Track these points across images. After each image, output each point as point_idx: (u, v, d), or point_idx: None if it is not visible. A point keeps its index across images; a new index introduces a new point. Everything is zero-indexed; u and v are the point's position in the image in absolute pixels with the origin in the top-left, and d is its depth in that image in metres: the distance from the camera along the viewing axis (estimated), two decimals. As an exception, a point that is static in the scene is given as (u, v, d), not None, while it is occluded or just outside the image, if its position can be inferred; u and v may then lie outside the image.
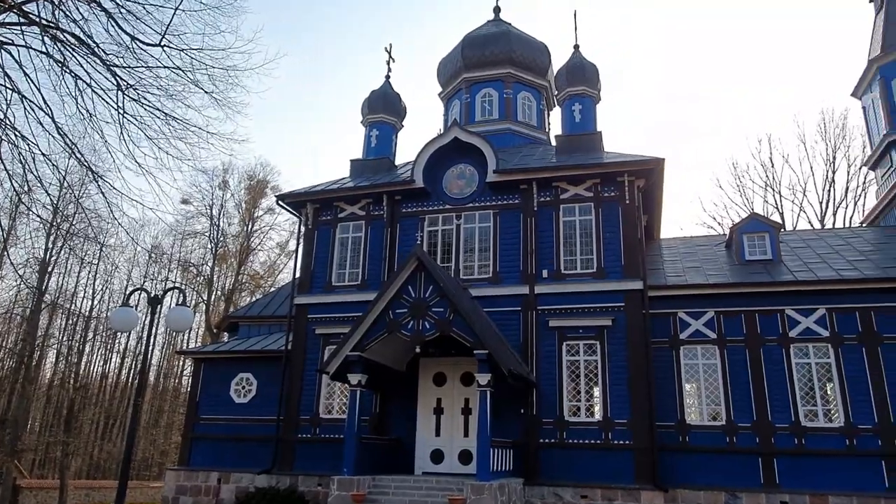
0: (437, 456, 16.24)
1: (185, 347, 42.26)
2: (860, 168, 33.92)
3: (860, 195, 34.44)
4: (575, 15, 21.88)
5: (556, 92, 21.47)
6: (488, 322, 15.88)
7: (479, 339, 13.76)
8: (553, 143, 21.90)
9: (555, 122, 25.16)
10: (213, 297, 40.55)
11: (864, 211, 33.13)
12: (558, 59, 23.60)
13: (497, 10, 25.38)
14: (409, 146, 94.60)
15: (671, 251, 19.79)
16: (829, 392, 15.45)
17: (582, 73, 20.32)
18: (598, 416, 15.57)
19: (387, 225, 18.64)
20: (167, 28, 9.84)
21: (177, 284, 33.20)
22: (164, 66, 10.44)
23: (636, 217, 16.85)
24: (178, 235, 43.33)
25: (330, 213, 19.53)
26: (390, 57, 23.39)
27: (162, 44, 10.07)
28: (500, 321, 16.50)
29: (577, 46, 21.27)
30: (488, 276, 17.38)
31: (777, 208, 36.10)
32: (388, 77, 23.14)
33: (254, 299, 32.12)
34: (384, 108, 22.32)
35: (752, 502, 14.51)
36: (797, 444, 14.87)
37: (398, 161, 22.35)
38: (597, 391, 15.89)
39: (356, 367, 14.72)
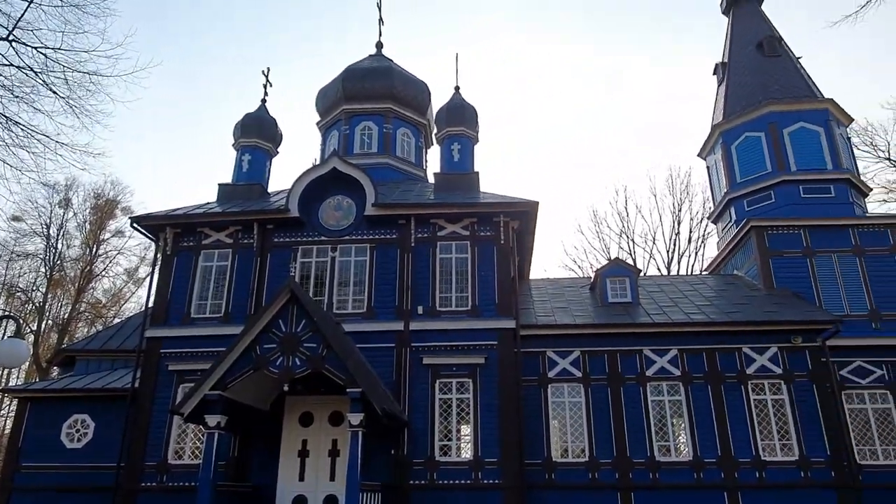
0: (300, 503, 15.23)
1: (5, 384, 37.07)
2: (702, 221, 37.67)
3: (700, 246, 38.15)
4: (457, 57, 22.50)
5: (436, 130, 21.77)
6: (362, 359, 15.36)
7: (352, 377, 13.21)
8: (430, 180, 22.12)
9: (432, 160, 25.44)
10: (43, 327, 36.14)
11: (703, 260, 36.72)
12: (439, 99, 24.04)
13: (380, 45, 25.51)
14: (283, 175, 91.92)
15: (540, 292, 20.49)
16: (679, 428, 16.52)
17: (462, 114, 20.79)
18: (468, 455, 15.46)
19: (256, 254, 17.64)
20: (17, 21, 8.65)
21: (8, 312, 29.06)
22: (11, 64, 9.15)
23: (510, 257, 17.28)
24: (3, 256, 38.37)
25: (192, 239, 18.15)
26: (267, 81, 22.58)
27: (9, 38, 8.83)
28: (374, 358, 16.03)
29: (457, 88, 21.79)
30: (363, 311, 16.91)
31: (631, 254, 38.99)
32: (264, 101, 22.27)
33: (94, 331, 28.95)
34: (258, 133, 21.39)
35: (612, 537, 15.00)
36: (652, 479, 15.67)
37: (271, 188, 21.41)
38: (468, 430, 15.82)
39: (215, 407, 13.53)
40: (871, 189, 23.00)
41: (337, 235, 17.85)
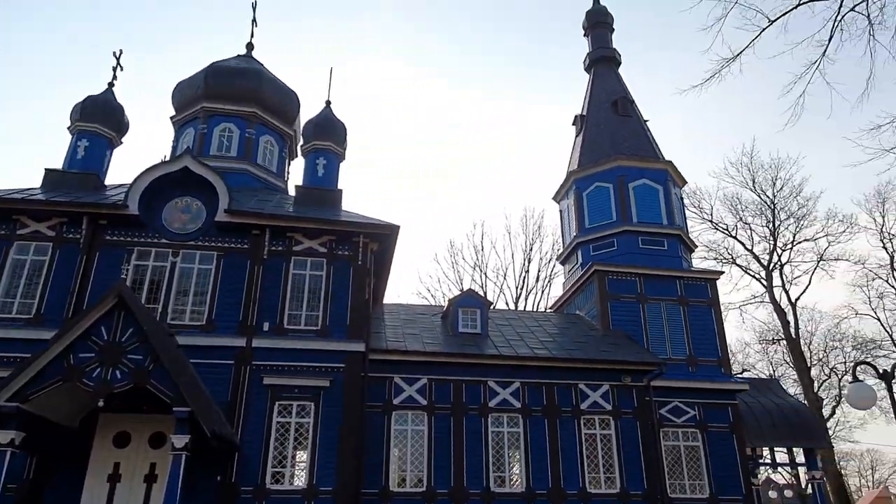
0: (104, 533, 13.54)
1: None
2: (550, 261, 39.79)
3: (546, 285, 40.22)
4: (331, 72, 22.07)
5: (302, 142, 21.10)
6: (194, 375, 14.14)
7: (181, 395, 12.07)
8: (291, 192, 21.30)
9: (295, 173, 24.60)
10: None
11: (548, 299, 38.70)
12: (308, 112, 23.32)
13: (251, 46, 24.39)
14: (125, 170, 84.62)
15: (393, 316, 20.30)
16: (515, 459, 16.94)
17: (331, 129, 20.34)
18: (303, 483, 14.68)
19: (83, 252, 15.78)
20: None
21: None
22: None
23: (367, 279, 16.95)
24: None
25: (5, 228, 15.89)
26: (118, 64, 20.65)
27: None
28: (209, 375, 14.83)
29: (328, 102, 21.34)
30: (201, 323, 15.66)
31: (482, 287, 40.15)
32: (111, 84, 20.30)
33: None
34: (101, 118, 19.40)
35: (442, 569, 14.89)
36: (486, 510, 15.85)
37: (110, 181, 19.41)
38: (305, 456, 15.07)
39: (11, 421, 11.73)
40: (696, 247, 25.60)
41: (181, 239, 16.50)
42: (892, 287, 34.85)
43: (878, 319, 36.53)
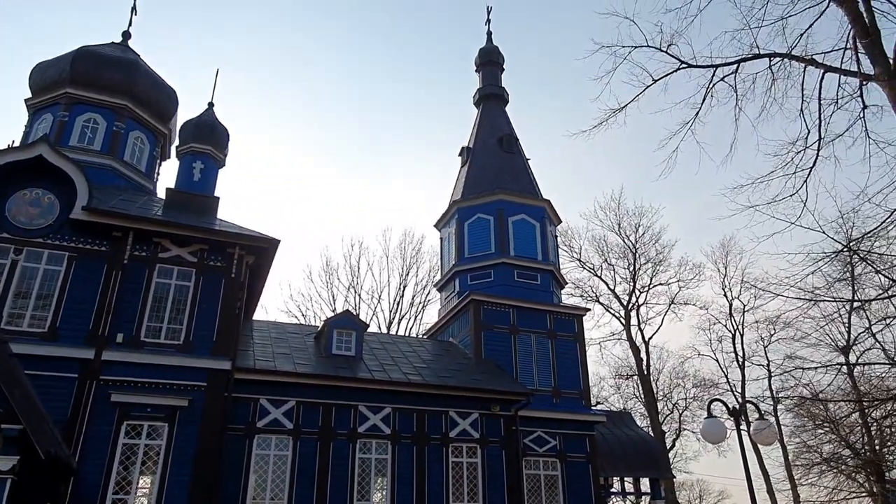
0: None
1: None
2: (425, 288, 40.08)
3: (420, 311, 40.43)
4: (217, 73, 21.06)
5: (178, 143, 19.80)
6: (29, 389, 12.52)
7: (13, 411, 10.65)
8: (160, 195, 19.86)
9: (166, 176, 22.95)
10: None
11: (420, 325, 38.88)
12: (188, 113, 21.99)
13: (127, 34, 22.63)
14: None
15: (262, 334, 19.37)
16: (380, 486, 16.59)
17: (211, 132, 19.28)
18: (148, 511, 13.40)
19: None
20: None
21: None
22: None
23: (239, 293, 16.06)
24: None
25: None
26: (-32, 33, 18.32)
27: None
28: (47, 389, 13.23)
29: (211, 104, 20.26)
30: (42, 331, 13.99)
31: (356, 309, 39.56)
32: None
33: None
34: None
35: None
36: (347, 539, 15.30)
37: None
38: (152, 482, 13.78)
39: None
40: (566, 283, 26.91)
41: (27, 235, 14.74)
42: (730, 332, 38.65)
43: (717, 360, 40.31)
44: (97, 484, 13.11)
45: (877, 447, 21.50)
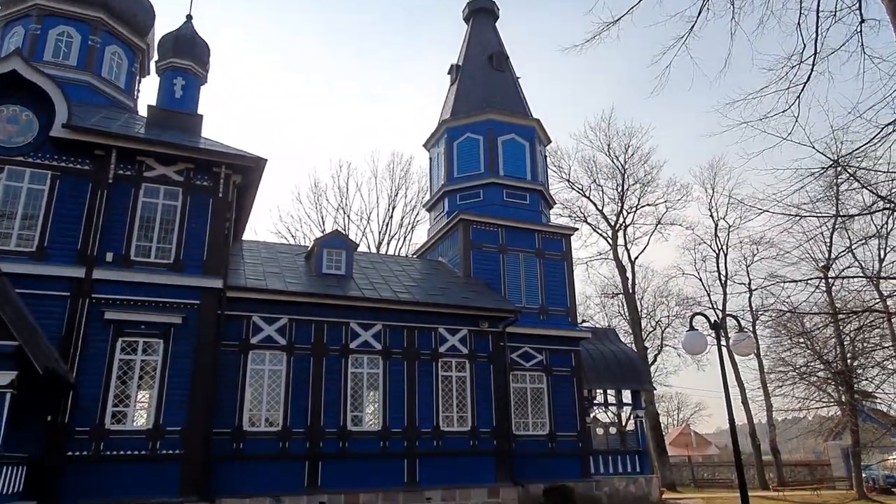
0: None
1: None
2: (414, 209, 40.05)
3: (410, 232, 40.56)
4: (193, -17, 19.99)
5: (157, 59, 19.11)
6: (20, 306, 12.61)
7: (7, 327, 10.77)
8: (142, 113, 19.37)
9: (147, 94, 22.32)
10: None
11: (410, 246, 39.11)
12: (166, 27, 21.07)
13: (97, -59, 21.33)
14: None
15: (253, 254, 19.46)
16: (372, 400, 17.20)
17: (191, 47, 18.58)
18: (148, 423, 13.86)
19: None
20: None
21: None
22: None
23: (227, 213, 15.98)
24: None
25: None
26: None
27: None
28: (39, 307, 13.33)
29: (189, 17, 19.43)
30: (31, 250, 13.95)
31: (345, 230, 39.60)
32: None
33: None
34: None
35: (295, 506, 14.92)
36: (341, 448, 16.02)
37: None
38: (150, 395, 14.19)
39: None
40: (555, 203, 26.97)
41: (7, 153, 14.43)
42: (714, 251, 39.25)
43: (700, 279, 41.14)
44: (96, 398, 13.48)
45: (848, 360, 22.41)
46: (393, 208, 41.04)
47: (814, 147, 9.45)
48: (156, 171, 15.56)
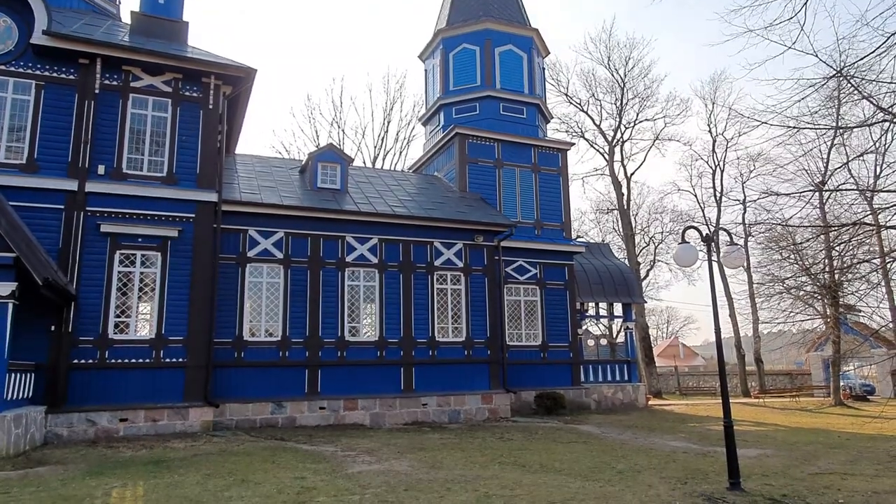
0: (-83, 386, 12.31)
1: None
2: (409, 123, 39.35)
3: (405, 146, 40.04)
4: None
5: (137, -40, 18.12)
6: (15, 219, 12.65)
7: (2, 239, 10.80)
8: (125, 20, 18.61)
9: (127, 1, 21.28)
10: None
11: (405, 160, 38.73)
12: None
13: None
14: None
15: (247, 168, 19.28)
16: (369, 311, 17.58)
17: (172, -52, 17.57)
18: (150, 333, 14.20)
19: None
20: None
21: None
22: None
23: (218, 125, 15.69)
24: None
25: None
26: None
27: None
28: (34, 220, 13.37)
29: (169, -86, 18.24)
30: (21, 162, 13.78)
31: (340, 145, 39.04)
32: None
33: None
34: None
35: (296, 409, 15.56)
36: (339, 357, 16.52)
37: None
38: (151, 307, 14.45)
39: None
40: (552, 118, 26.52)
41: (-12, 62, 13.97)
42: (710, 168, 39.02)
43: (695, 196, 41.37)
44: (98, 309, 13.73)
45: (835, 273, 22.80)
46: (388, 123, 40.39)
47: (817, 56, 9.21)
48: (143, 82, 15.15)
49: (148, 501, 7.37)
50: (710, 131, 39.54)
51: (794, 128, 9.70)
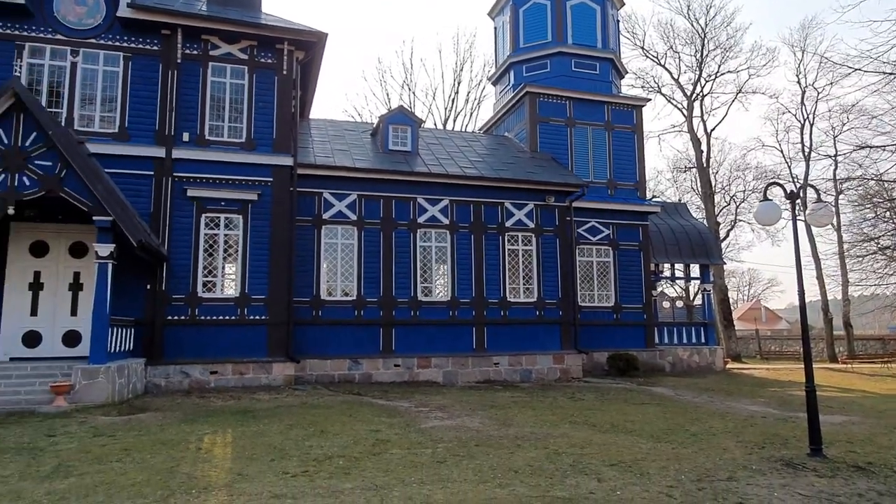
0: (32, 339, 13.57)
1: None
2: (480, 83, 38.86)
3: (476, 107, 39.70)
4: None
5: (212, -71, 18.51)
6: (111, 185, 13.49)
7: (100, 204, 11.60)
8: (202, -11, 19.14)
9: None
10: None
11: (476, 122, 38.43)
12: None
13: None
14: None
15: (320, 132, 19.69)
16: (441, 272, 17.82)
17: (245, -86, 17.81)
18: (235, 292, 14.97)
19: (-36, 44, 13.92)
20: None
21: None
22: None
23: (293, 90, 16.05)
24: None
25: None
26: None
27: None
28: (127, 186, 14.22)
29: None
30: (113, 131, 14.62)
31: (411, 107, 39.12)
32: None
33: None
34: None
35: (371, 366, 16.13)
36: (412, 316, 16.90)
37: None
38: (235, 267, 15.21)
39: (-89, 228, 11.02)
40: (627, 73, 25.53)
41: (80, 36, 14.76)
42: (798, 121, 36.63)
43: (781, 152, 38.91)
44: (187, 269, 14.58)
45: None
46: (458, 83, 40.01)
47: (924, -7, 8.43)
48: (221, 50, 15.63)
49: (236, 448, 7.91)
50: (798, 82, 37.07)
51: (892, 73, 8.97)
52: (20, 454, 7.40)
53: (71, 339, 13.74)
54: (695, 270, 24.27)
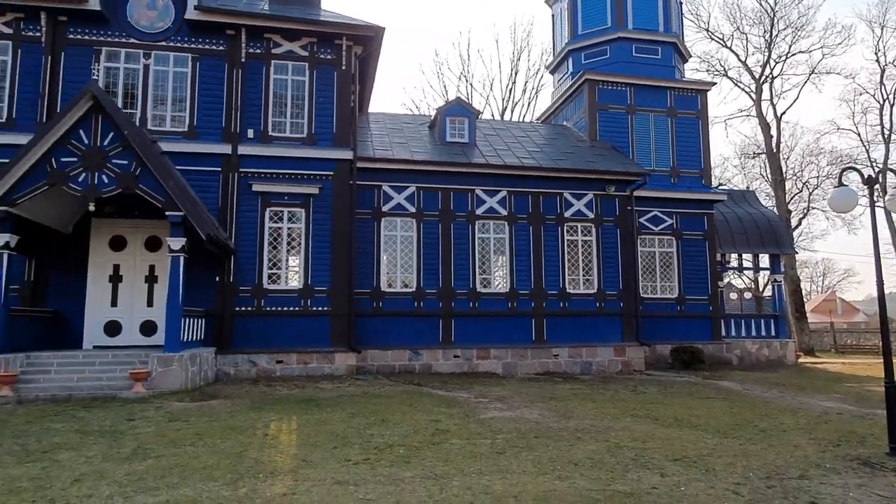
0: (113, 328, 14.38)
1: None
2: (538, 73, 38.42)
3: (533, 97, 39.29)
4: None
5: (272, -71, 18.95)
6: (182, 181, 14.07)
7: (172, 200, 12.14)
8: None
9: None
10: None
11: (534, 112, 38.02)
12: None
13: None
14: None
15: (379, 126, 19.93)
16: (499, 263, 17.78)
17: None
18: (298, 284, 15.40)
19: (46, 51, 14.77)
20: None
21: None
22: None
23: (351, 85, 16.31)
24: None
25: (-43, 24, 14.65)
26: None
27: None
28: (196, 182, 14.81)
29: None
30: (183, 129, 15.25)
31: (468, 98, 39.07)
32: None
33: None
34: None
35: (431, 357, 16.30)
36: (471, 307, 16.96)
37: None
38: (298, 259, 15.63)
39: (4, 224, 11.85)
40: (690, 56, 24.69)
41: (151, 39, 15.44)
42: (878, 102, 34.59)
43: (858, 135, 36.91)
44: (253, 262, 15.10)
45: None
46: (515, 73, 39.72)
47: None
48: (282, 48, 16.03)
49: (300, 435, 8.17)
50: (877, 60, 34.97)
51: None
52: (103, 436, 7.88)
53: (148, 328, 14.48)
54: (764, 260, 23.35)
